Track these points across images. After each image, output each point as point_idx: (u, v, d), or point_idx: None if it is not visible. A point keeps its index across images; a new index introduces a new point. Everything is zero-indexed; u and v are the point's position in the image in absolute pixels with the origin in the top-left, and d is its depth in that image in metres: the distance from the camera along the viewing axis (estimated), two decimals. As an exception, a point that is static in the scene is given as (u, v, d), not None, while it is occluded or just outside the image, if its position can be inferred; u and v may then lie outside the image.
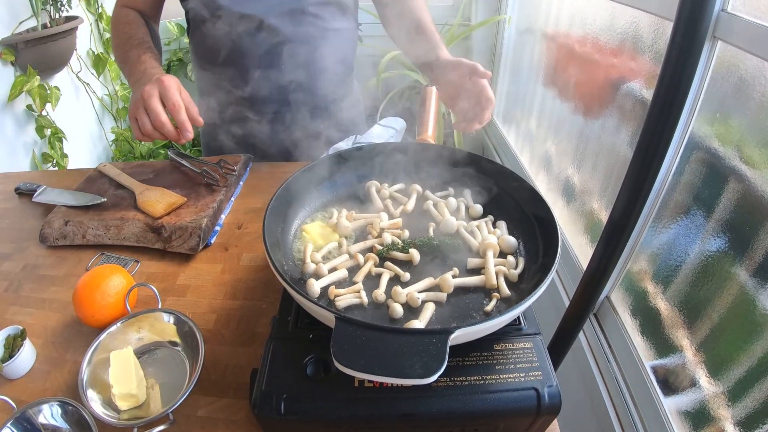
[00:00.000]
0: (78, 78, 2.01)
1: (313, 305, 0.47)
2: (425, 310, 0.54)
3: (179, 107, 0.76)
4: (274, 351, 0.50)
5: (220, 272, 0.79)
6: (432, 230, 0.67)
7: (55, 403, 0.55)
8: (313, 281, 0.56)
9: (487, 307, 0.55)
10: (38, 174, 1.16)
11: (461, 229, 0.66)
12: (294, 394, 0.46)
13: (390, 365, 0.41)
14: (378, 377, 0.40)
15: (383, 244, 0.63)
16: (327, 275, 0.58)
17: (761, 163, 0.75)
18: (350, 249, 0.63)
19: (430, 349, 0.42)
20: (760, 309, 0.74)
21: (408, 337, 0.43)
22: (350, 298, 0.55)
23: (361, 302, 0.55)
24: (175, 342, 0.64)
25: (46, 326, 0.71)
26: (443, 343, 0.43)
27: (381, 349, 0.42)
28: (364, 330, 0.44)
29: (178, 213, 0.85)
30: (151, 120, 0.76)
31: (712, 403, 0.83)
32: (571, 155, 1.46)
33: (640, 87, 1.08)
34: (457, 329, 0.44)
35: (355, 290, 0.56)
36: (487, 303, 0.56)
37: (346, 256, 0.62)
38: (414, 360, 0.41)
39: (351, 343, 0.43)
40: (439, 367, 0.40)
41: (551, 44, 1.67)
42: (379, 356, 0.42)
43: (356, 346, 0.42)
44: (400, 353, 0.42)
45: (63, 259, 0.83)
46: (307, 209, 0.72)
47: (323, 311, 0.46)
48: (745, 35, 0.74)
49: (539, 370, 0.48)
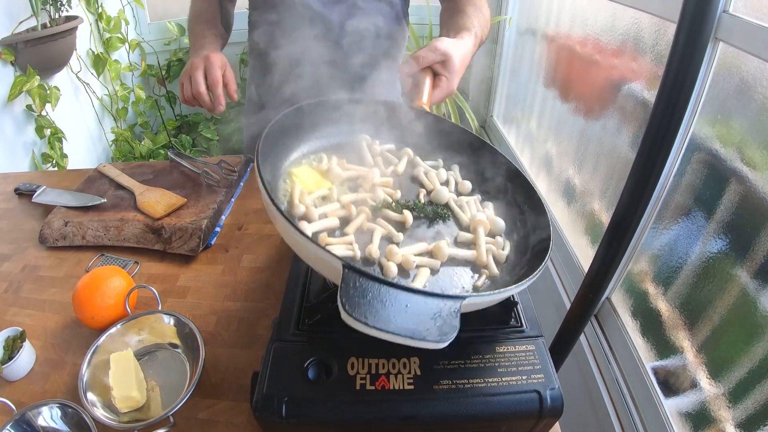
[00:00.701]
0: (78, 78, 2.01)
1: (319, 249, 0.42)
2: (420, 275, 0.51)
3: (217, 82, 0.86)
4: (275, 354, 0.49)
5: (221, 273, 0.79)
6: (422, 197, 0.64)
7: (55, 406, 0.55)
8: (305, 224, 0.52)
9: (477, 282, 0.53)
10: (38, 174, 1.16)
11: (452, 202, 0.63)
12: (295, 397, 0.46)
13: (404, 325, 0.38)
14: (394, 337, 0.37)
15: (376, 200, 0.60)
16: (318, 220, 0.54)
17: (762, 164, 0.75)
18: (342, 199, 0.59)
19: (443, 313, 0.40)
20: (761, 310, 0.74)
21: (422, 297, 0.41)
22: (343, 249, 0.52)
23: (353, 256, 0.52)
24: (175, 344, 0.64)
25: (45, 328, 0.71)
26: (455, 309, 0.41)
27: (393, 307, 0.39)
28: (375, 284, 0.40)
29: (179, 214, 0.85)
30: (192, 88, 0.86)
31: (713, 404, 0.83)
32: (571, 156, 1.46)
33: (641, 88, 1.08)
34: (469, 296, 0.42)
35: (348, 242, 0.52)
36: (476, 279, 0.54)
37: (337, 204, 0.58)
38: (428, 323, 0.39)
39: (361, 296, 0.39)
40: (452, 332, 0.38)
41: (552, 45, 1.67)
42: (392, 314, 0.38)
43: (366, 300, 0.39)
44: (414, 314, 0.39)
45: (63, 260, 0.83)
46: (296, 154, 0.68)
47: (328, 257, 0.42)
48: (746, 36, 0.73)
49: (541, 373, 0.48)
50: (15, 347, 0.64)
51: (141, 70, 2.38)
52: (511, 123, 2.19)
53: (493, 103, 2.40)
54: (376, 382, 0.47)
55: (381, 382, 0.47)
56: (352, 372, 0.47)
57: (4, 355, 0.63)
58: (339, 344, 0.50)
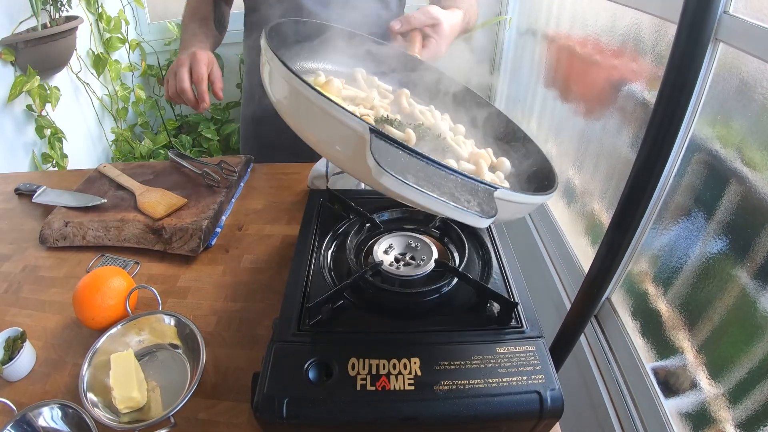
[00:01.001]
0: (78, 78, 2.01)
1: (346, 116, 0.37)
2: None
3: (201, 79, 0.86)
4: (275, 354, 0.49)
5: (221, 274, 0.79)
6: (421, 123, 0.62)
7: (56, 406, 0.55)
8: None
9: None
10: (38, 174, 1.16)
11: (449, 139, 0.62)
12: (296, 397, 0.46)
13: (445, 191, 0.34)
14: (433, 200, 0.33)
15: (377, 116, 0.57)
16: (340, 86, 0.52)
17: (762, 165, 0.75)
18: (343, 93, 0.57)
19: (479, 194, 0.36)
20: (761, 311, 0.74)
21: (455, 175, 0.37)
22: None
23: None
24: (176, 344, 0.64)
25: (46, 328, 0.71)
26: (489, 194, 0.37)
27: (430, 176, 0.35)
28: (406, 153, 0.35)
29: (179, 214, 0.85)
30: (176, 85, 0.86)
31: (713, 404, 0.83)
32: (571, 156, 1.46)
33: (641, 89, 1.08)
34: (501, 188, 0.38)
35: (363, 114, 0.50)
36: None
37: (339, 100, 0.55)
38: (469, 197, 0.35)
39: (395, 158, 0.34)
40: (493, 212, 0.35)
41: (552, 45, 1.67)
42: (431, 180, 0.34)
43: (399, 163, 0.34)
44: (453, 186, 0.36)
45: (63, 261, 0.83)
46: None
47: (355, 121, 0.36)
48: (746, 37, 0.73)
49: (542, 374, 0.48)
50: (15, 348, 0.64)
51: (141, 70, 2.38)
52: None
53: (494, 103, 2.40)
54: (377, 382, 0.47)
55: (381, 383, 0.47)
56: (352, 372, 0.47)
57: (4, 355, 0.63)
58: (340, 345, 0.50)
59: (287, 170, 1.07)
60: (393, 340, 0.51)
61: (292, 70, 0.40)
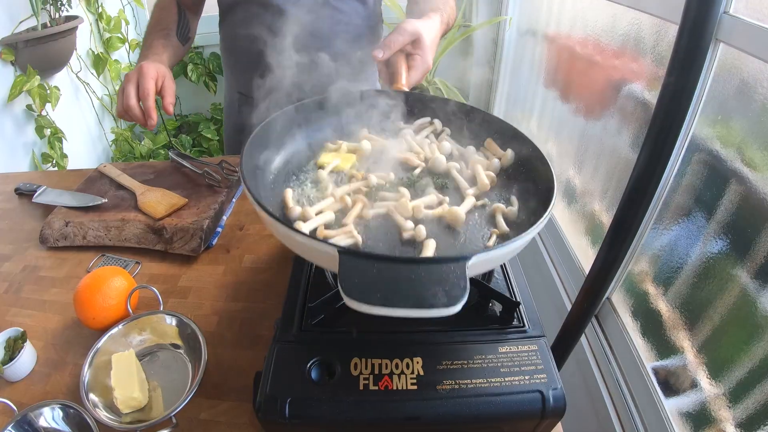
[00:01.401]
0: (78, 78, 2.00)
1: (310, 240, 0.42)
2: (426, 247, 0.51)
3: (147, 94, 0.82)
4: (277, 354, 0.49)
5: (222, 274, 0.79)
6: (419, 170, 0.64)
7: (57, 406, 0.55)
8: (300, 223, 0.52)
9: (489, 242, 0.53)
10: (38, 174, 1.16)
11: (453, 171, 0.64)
12: (298, 397, 0.46)
13: (410, 297, 0.37)
14: (400, 310, 0.36)
15: (369, 185, 0.60)
16: (314, 218, 0.54)
17: (763, 165, 0.75)
18: (335, 192, 0.58)
19: (450, 277, 0.38)
20: (761, 311, 0.74)
21: (424, 266, 0.39)
22: (343, 238, 0.51)
23: (355, 242, 0.51)
24: (177, 344, 0.64)
25: (46, 328, 0.71)
26: (461, 270, 0.39)
27: (396, 281, 0.38)
28: (373, 262, 0.39)
29: (180, 214, 0.85)
30: (122, 101, 0.83)
31: (713, 404, 0.83)
32: (572, 156, 1.46)
33: (641, 89, 1.08)
34: (474, 255, 0.40)
35: (347, 231, 0.52)
36: (486, 239, 0.54)
37: (331, 199, 0.58)
38: (435, 289, 0.37)
39: (361, 277, 0.38)
40: (462, 294, 0.37)
41: (552, 45, 1.67)
42: (396, 289, 0.37)
43: (367, 279, 0.37)
44: (418, 284, 0.38)
45: (63, 261, 0.83)
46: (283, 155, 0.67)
47: (323, 246, 0.41)
48: (746, 37, 0.74)
49: (544, 373, 0.48)
50: (16, 348, 0.64)
51: (141, 70, 2.37)
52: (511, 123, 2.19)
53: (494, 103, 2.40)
54: (380, 382, 0.47)
55: (384, 383, 0.47)
56: (355, 372, 0.48)
57: (5, 355, 0.63)
58: (342, 344, 0.50)
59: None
60: (395, 340, 0.51)
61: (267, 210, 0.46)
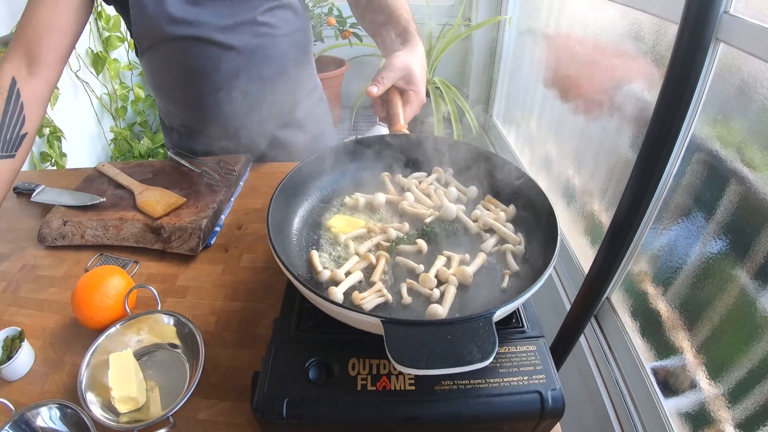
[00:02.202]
0: (77, 77, 2.00)
1: (359, 315, 0.47)
2: (448, 293, 0.54)
3: None
4: (275, 354, 0.49)
5: (221, 273, 0.78)
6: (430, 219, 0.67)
7: (54, 406, 0.55)
8: (334, 289, 0.54)
9: (503, 284, 0.56)
10: (37, 173, 1.16)
11: (461, 214, 0.67)
12: (296, 397, 0.46)
13: (450, 357, 0.42)
14: (443, 370, 0.41)
15: (389, 239, 0.63)
16: (344, 279, 0.57)
17: (762, 165, 0.75)
18: (360, 249, 0.62)
19: (480, 332, 0.43)
20: (760, 311, 0.74)
21: (457, 326, 0.44)
22: (375, 298, 0.55)
23: (386, 300, 0.55)
24: (175, 344, 0.64)
25: (44, 327, 0.70)
26: (489, 324, 0.44)
27: (435, 343, 0.43)
28: (414, 328, 0.44)
29: (178, 213, 0.85)
30: None
31: (713, 404, 0.83)
32: (571, 156, 1.46)
33: (641, 89, 1.08)
34: (498, 308, 0.46)
35: (378, 290, 0.56)
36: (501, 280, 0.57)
37: (356, 258, 0.61)
38: (470, 346, 0.42)
39: (405, 344, 0.43)
40: (493, 348, 0.42)
41: (552, 45, 1.67)
42: (436, 350, 0.42)
43: (410, 345, 0.43)
44: (455, 342, 0.43)
45: (62, 260, 0.83)
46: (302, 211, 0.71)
47: (368, 318, 0.46)
48: (747, 37, 0.74)
49: (542, 374, 0.48)
50: (14, 347, 0.64)
51: (140, 69, 2.37)
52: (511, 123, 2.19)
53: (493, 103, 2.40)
54: (377, 382, 0.47)
55: (382, 383, 0.47)
56: (353, 372, 0.47)
57: (3, 355, 0.63)
58: (340, 344, 0.50)
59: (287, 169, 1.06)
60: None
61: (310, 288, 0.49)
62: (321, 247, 0.64)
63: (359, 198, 0.70)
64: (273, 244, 0.54)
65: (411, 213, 0.68)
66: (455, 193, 0.71)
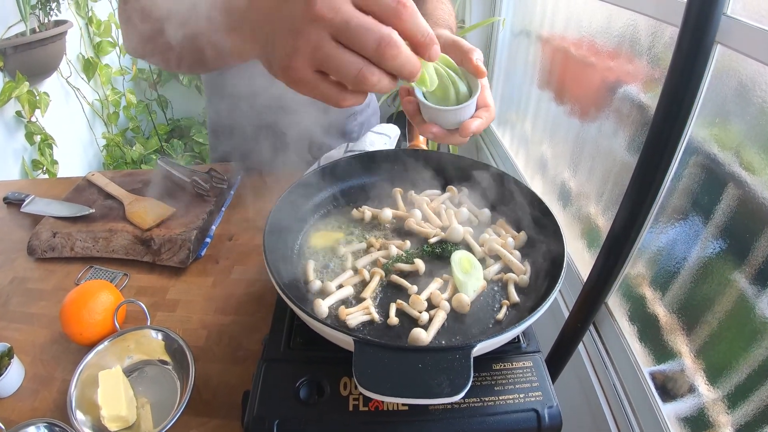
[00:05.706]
0: (68, 83, 1.99)
1: (331, 330, 0.45)
2: (437, 318, 0.53)
3: None
4: (265, 373, 0.48)
5: (211, 286, 0.77)
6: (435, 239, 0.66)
7: (42, 425, 0.54)
8: (320, 301, 0.54)
9: (499, 315, 0.55)
10: (27, 183, 1.15)
11: (468, 237, 0.66)
12: (287, 418, 0.45)
13: (417, 386, 0.40)
14: (407, 400, 0.40)
15: (388, 257, 0.62)
16: (334, 292, 0.57)
17: (760, 168, 0.74)
18: (357, 264, 0.61)
19: (455, 365, 0.41)
20: (758, 315, 0.74)
21: (431, 354, 0.43)
22: (360, 315, 0.54)
23: (371, 319, 0.54)
24: (165, 360, 0.63)
25: (34, 343, 0.69)
26: (467, 358, 0.42)
27: (405, 369, 0.41)
28: (385, 351, 0.42)
29: (168, 224, 0.84)
30: None
31: (711, 409, 0.83)
32: (567, 158, 1.45)
33: (637, 90, 1.07)
34: (479, 342, 0.43)
35: (365, 307, 0.55)
36: (498, 310, 0.55)
37: (351, 272, 0.60)
38: (441, 378, 0.40)
39: (373, 366, 0.41)
40: (465, 383, 0.40)
41: (546, 46, 1.66)
42: (405, 377, 0.41)
43: (379, 368, 0.41)
44: (425, 372, 0.41)
45: (51, 272, 0.82)
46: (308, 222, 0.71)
47: (340, 335, 0.45)
48: (745, 39, 0.72)
49: (539, 390, 0.47)
50: (3, 364, 0.62)
51: (132, 74, 2.36)
52: (505, 125, 2.18)
53: (488, 104, 2.39)
54: (370, 402, 0.46)
55: (375, 403, 0.46)
56: (344, 392, 0.46)
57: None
58: (331, 363, 0.49)
59: (277, 177, 1.05)
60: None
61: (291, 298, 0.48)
62: (320, 258, 0.63)
63: (366, 211, 0.69)
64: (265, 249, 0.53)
65: (416, 231, 0.67)
66: (466, 214, 0.70)
